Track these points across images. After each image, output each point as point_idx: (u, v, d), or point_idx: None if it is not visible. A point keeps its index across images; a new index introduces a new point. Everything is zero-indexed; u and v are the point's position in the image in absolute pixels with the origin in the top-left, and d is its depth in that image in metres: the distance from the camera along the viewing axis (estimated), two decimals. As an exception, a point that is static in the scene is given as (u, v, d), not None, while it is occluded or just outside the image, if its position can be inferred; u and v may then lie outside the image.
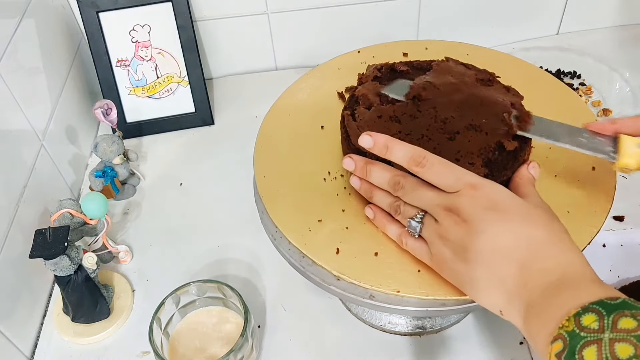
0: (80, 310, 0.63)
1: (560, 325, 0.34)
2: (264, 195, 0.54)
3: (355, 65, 0.65)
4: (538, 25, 0.98)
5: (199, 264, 0.70)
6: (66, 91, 0.82)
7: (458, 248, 0.42)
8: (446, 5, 0.93)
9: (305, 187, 0.54)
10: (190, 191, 0.80)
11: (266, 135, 0.60)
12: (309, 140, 0.59)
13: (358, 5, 0.91)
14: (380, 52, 0.67)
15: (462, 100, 0.50)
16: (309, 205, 0.52)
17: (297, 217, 0.51)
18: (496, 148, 0.48)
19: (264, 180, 0.55)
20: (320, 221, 0.51)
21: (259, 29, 0.93)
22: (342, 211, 0.52)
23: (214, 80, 0.99)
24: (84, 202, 0.64)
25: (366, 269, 0.47)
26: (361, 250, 0.49)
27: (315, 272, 0.48)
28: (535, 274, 0.38)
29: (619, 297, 0.34)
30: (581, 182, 0.52)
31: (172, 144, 0.88)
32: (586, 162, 0.53)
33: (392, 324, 0.62)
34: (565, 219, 0.43)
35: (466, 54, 0.65)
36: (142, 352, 0.62)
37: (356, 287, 0.47)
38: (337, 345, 0.61)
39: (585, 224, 0.48)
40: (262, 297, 0.66)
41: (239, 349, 0.53)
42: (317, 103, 0.63)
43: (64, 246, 0.57)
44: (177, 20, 0.85)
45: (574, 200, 0.50)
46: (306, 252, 0.49)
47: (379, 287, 0.46)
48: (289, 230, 0.51)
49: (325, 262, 0.48)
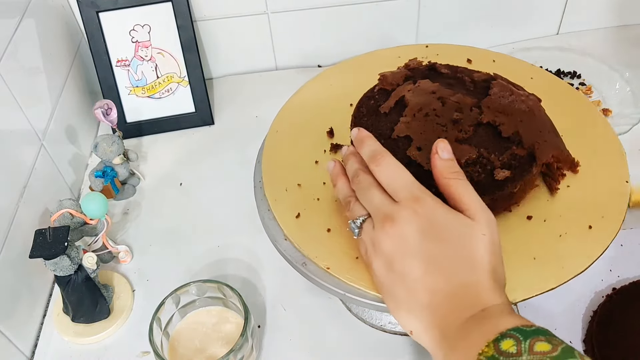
0: (80, 310, 0.63)
1: (480, 352, 0.35)
2: (267, 150, 0.57)
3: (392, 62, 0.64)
4: (538, 25, 0.98)
5: (199, 264, 0.70)
6: (66, 91, 0.82)
7: (386, 261, 0.42)
8: (446, 6, 0.93)
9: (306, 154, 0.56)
10: (190, 191, 0.80)
11: (300, 98, 0.62)
12: (331, 114, 0.60)
13: (358, 6, 0.91)
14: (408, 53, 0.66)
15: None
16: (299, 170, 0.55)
17: (280, 177, 0.54)
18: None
19: (276, 135, 0.58)
20: (300, 185, 0.53)
21: (259, 29, 0.93)
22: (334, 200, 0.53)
23: (214, 80, 0.99)
24: (84, 202, 0.64)
25: (322, 242, 0.49)
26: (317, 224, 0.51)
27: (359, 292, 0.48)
28: (457, 309, 0.39)
29: (534, 325, 0.36)
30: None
31: (172, 144, 0.88)
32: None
33: (392, 324, 0.62)
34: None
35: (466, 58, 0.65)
36: (142, 352, 0.62)
37: (296, 251, 0.49)
38: (337, 345, 0.61)
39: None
40: (262, 297, 0.66)
41: (239, 349, 0.53)
42: (359, 82, 0.61)
43: (64, 246, 0.57)
44: (177, 20, 0.85)
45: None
46: (275, 212, 0.51)
47: (315, 259, 0.48)
48: (270, 188, 0.54)
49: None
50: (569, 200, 0.51)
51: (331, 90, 0.65)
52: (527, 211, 0.50)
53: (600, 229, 0.48)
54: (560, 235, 0.48)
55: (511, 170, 0.48)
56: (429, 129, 0.49)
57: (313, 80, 0.66)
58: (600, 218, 0.49)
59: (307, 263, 0.49)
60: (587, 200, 0.51)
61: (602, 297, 0.62)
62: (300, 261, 0.49)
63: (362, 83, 0.59)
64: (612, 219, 0.49)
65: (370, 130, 0.51)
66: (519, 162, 0.48)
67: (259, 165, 0.58)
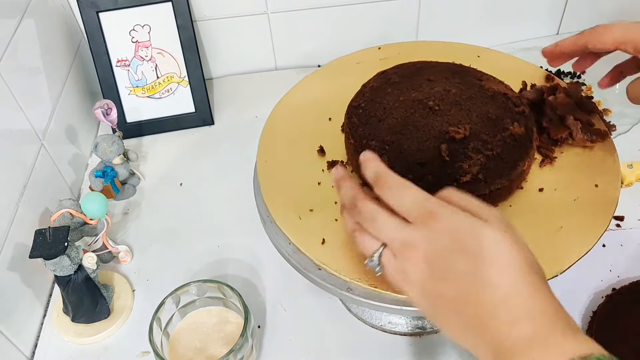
0: (80, 310, 0.63)
1: None
2: (262, 179, 0.56)
3: (374, 61, 0.66)
4: (538, 25, 0.98)
5: (199, 264, 0.70)
6: (66, 91, 0.82)
7: (420, 288, 0.39)
8: (446, 6, 0.93)
9: (303, 175, 0.56)
10: (190, 191, 0.80)
11: (276, 119, 0.61)
12: (315, 131, 0.60)
13: (358, 6, 0.91)
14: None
15: None
16: (304, 194, 0.54)
17: (290, 204, 0.53)
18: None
19: (265, 165, 0.57)
20: (312, 211, 0.52)
21: (259, 29, 0.93)
22: (335, 203, 0.53)
23: (214, 80, 0.99)
24: (84, 202, 0.64)
25: (349, 260, 0.48)
26: (347, 242, 0.50)
27: (299, 260, 0.50)
28: (504, 326, 0.35)
29: (590, 354, 0.33)
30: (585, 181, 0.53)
31: (172, 144, 0.88)
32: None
33: (392, 324, 0.62)
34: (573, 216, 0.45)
35: (477, 55, 0.67)
36: (142, 352, 0.62)
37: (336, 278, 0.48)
38: (337, 345, 0.61)
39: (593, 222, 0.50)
40: (262, 297, 0.66)
41: (239, 349, 0.53)
42: (330, 95, 0.63)
43: (64, 246, 0.57)
44: (177, 20, 0.85)
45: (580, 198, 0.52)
46: (293, 239, 0.50)
47: (358, 282, 0.47)
48: (280, 216, 0.53)
49: (311, 253, 0.49)
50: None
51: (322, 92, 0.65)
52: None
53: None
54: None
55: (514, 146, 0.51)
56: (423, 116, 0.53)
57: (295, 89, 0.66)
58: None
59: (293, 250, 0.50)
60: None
61: (602, 297, 0.62)
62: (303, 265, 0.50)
63: (339, 90, 0.60)
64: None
65: (370, 138, 0.52)
66: (518, 141, 0.51)
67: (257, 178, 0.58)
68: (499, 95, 0.55)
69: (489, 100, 0.55)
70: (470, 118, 0.53)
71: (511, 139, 0.51)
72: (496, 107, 0.54)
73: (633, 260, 0.66)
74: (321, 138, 0.59)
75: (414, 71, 0.59)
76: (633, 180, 0.73)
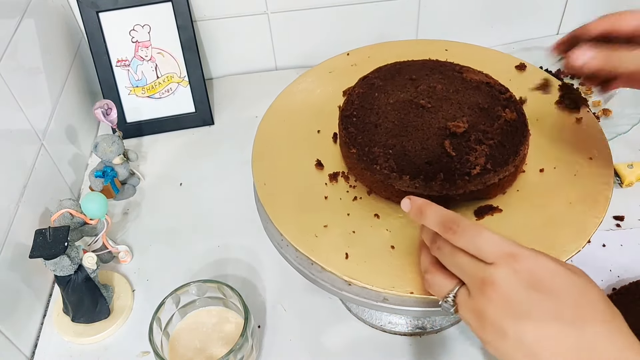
0: (80, 310, 0.63)
1: None
2: (267, 204, 0.53)
3: (346, 67, 0.67)
4: (538, 25, 0.98)
5: (199, 264, 0.70)
6: (66, 91, 0.82)
7: (497, 329, 0.37)
8: (446, 5, 0.93)
9: (307, 192, 0.55)
10: (190, 191, 0.80)
11: (263, 140, 0.60)
12: (306, 145, 0.59)
13: (358, 5, 0.91)
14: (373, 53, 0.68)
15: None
16: (314, 211, 0.53)
17: (302, 224, 0.51)
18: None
19: (265, 188, 0.55)
20: (326, 227, 0.51)
21: (259, 29, 0.93)
22: (347, 215, 0.52)
23: (214, 80, 0.99)
24: (84, 202, 0.64)
25: (377, 271, 0.47)
26: (370, 253, 0.49)
27: (326, 278, 0.48)
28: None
29: None
30: (579, 173, 0.54)
31: (172, 144, 0.88)
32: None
33: (392, 324, 0.62)
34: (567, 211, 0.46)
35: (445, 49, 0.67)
36: (142, 352, 0.62)
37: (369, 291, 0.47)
38: (337, 345, 0.61)
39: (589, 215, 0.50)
40: (262, 297, 0.66)
41: (239, 349, 0.53)
42: (312, 106, 0.63)
43: (64, 246, 0.57)
44: (177, 20, 0.85)
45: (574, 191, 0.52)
46: (315, 258, 0.49)
47: (392, 290, 0.46)
48: (296, 238, 0.50)
49: (335, 268, 0.48)
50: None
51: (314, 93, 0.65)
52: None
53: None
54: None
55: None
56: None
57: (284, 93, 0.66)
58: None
59: (317, 269, 0.49)
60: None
61: (602, 297, 0.62)
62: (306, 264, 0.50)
63: (321, 100, 0.61)
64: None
65: (372, 144, 0.52)
66: (513, 126, 0.52)
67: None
68: (482, 84, 0.57)
69: (475, 91, 0.56)
70: (463, 111, 0.53)
71: (507, 126, 0.52)
72: (484, 97, 0.55)
73: (633, 260, 0.66)
74: (314, 150, 0.58)
75: (394, 72, 0.59)
76: (633, 180, 0.73)
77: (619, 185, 0.73)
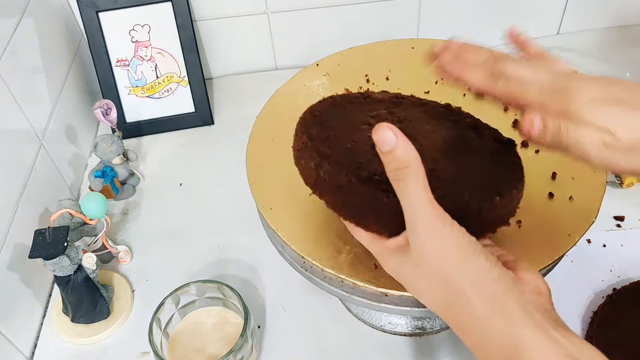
0: (80, 311, 0.63)
1: None
2: (279, 229, 0.52)
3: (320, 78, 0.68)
4: (538, 25, 0.98)
5: (199, 264, 0.70)
6: (66, 91, 0.82)
7: None
8: (446, 5, 0.93)
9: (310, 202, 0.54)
10: (190, 191, 0.80)
11: (257, 142, 0.60)
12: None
13: (358, 5, 0.91)
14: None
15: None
16: (312, 212, 0.52)
17: (301, 225, 0.51)
18: None
19: (270, 212, 0.53)
20: (325, 227, 0.51)
21: (259, 29, 0.93)
22: None
23: (213, 80, 0.99)
24: (83, 202, 0.64)
25: (377, 271, 0.47)
26: (370, 253, 0.48)
27: (326, 278, 0.48)
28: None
29: None
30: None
31: (171, 144, 0.87)
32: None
33: (392, 324, 0.62)
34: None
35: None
36: (142, 353, 0.62)
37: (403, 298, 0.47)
38: (337, 346, 0.61)
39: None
40: (262, 298, 0.66)
41: (239, 349, 0.53)
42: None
43: (64, 246, 0.57)
44: (177, 20, 0.85)
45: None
46: (314, 259, 0.48)
47: (392, 290, 0.46)
48: (295, 239, 0.50)
49: (335, 268, 0.48)
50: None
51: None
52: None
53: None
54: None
55: None
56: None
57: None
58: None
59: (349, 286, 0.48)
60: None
61: (602, 297, 0.62)
62: (300, 261, 0.49)
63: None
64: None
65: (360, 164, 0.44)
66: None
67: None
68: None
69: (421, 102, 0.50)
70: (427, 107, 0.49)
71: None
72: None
73: (633, 260, 0.66)
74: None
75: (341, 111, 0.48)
76: (633, 181, 0.73)
77: (619, 186, 0.73)
